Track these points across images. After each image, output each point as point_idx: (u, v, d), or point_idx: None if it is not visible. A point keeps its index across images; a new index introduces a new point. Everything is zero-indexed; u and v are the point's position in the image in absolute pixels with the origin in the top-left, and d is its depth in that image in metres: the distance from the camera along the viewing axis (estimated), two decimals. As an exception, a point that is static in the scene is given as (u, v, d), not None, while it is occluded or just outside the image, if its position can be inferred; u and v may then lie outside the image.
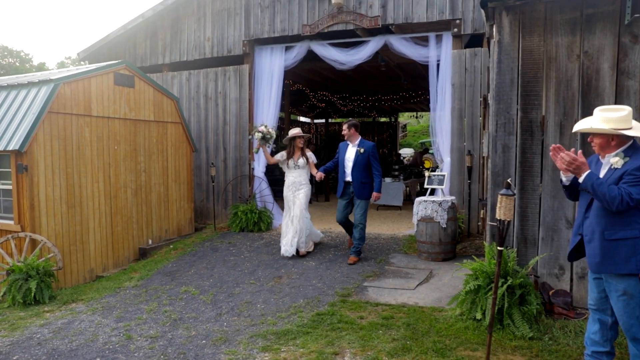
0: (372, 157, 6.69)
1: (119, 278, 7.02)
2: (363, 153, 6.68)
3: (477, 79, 8.00)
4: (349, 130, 6.80)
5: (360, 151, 6.69)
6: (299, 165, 7.12)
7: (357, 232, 6.74)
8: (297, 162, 7.11)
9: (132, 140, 8.27)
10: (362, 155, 6.68)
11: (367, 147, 6.71)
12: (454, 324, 4.47)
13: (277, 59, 9.56)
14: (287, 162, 7.16)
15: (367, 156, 6.67)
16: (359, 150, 6.69)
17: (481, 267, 4.53)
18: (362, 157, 6.68)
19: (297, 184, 7.13)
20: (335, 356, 3.93)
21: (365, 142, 6.83)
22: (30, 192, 6.67)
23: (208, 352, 4.18)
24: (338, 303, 5.17)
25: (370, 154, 6.69)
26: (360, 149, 6.70)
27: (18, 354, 4.39)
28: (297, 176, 7.13)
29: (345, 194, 6.82)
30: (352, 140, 6.82)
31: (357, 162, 6.67)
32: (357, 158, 6.67)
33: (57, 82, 6.93)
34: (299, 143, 7.15)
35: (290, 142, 7.18)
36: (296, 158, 7.13)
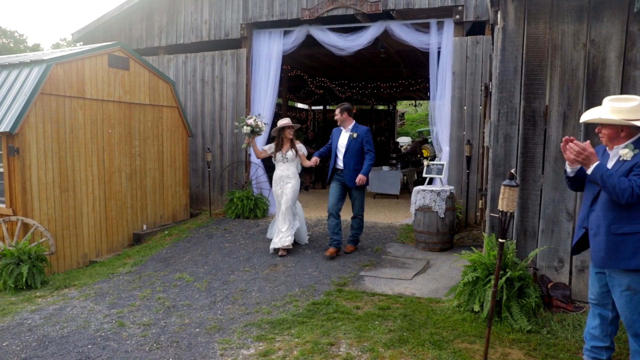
0: (366, 142, 6.33)
1: (113, 264, 6.94)
2: (356, 138, 6.32)
3: (478, 67, 7.88)
4: (342, 115, 6.45)
5: (353, 136, 6.33)
6: (287, 158, 6.62)
7: (355, 222, 6.60)
8: (285, 154, 6.62)
9: (127, 124, 8.13)
10: (355, 140, 6.32)
11: (360, 132, 6.35)
12: (452, 315, 4.41)
13: (275, 44, 9.39)
14: (275, 155, 6.70)
15: (360, 141, 6.32)
16: (352, 135, 6.34)
17: (480, 259, 4.46)
18: (355, 142, 6.32)
19: (284, 178, 6.63)
20: (330, 347, 3.87)
21: (359, 126, 6.47)
22: (22, 175, 6.54)
23: (201, 340, 4.12)
24: (334, 292, 5.11)
25: (364, 139, 6.33)
26: (353, 133, 6.34)
27: (8, 339, 4.31)
28: (284, 169, 6.64)
29: (335, 179, 6.51)
30: (345, 125, 6.47)
31: (349, 147, 6.32)
32: (350, 143, 6.32)
33: (50, 62, 6.76)
34: (288, 134, 6.65)
35: (279, 132, 6.70)
36: (284, 150, 6.64)
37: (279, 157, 6.68)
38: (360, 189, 6.47)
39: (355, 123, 6.49)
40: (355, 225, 6.63)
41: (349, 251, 6.58)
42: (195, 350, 3.94)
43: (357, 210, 6.53)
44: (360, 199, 6.52)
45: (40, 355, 3.96)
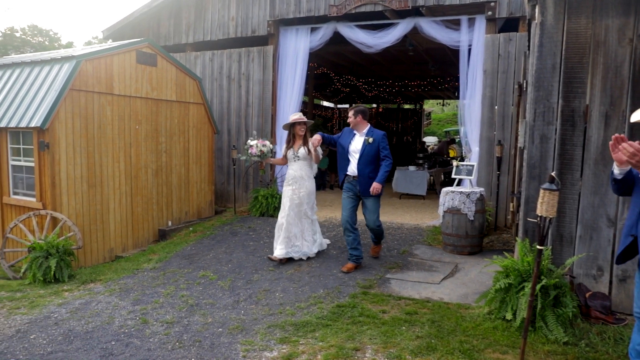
0: (383, 147, 5.71)
1: (138, 259, 6.97)
2: (372, 143, 5.70)
3: (511, 65, 7.62)
4: (355, 118, 5.78)
5: (369, 141, 5.70)
6: (299, 156, 6.10)
7: (374, 233, 6.04)
8: (297, 152, 6.11)
9: (154, 120, 8.17)
10: (370, 145, 5.70)
11: (376, 137, 5.72)
12: (482, 323, 4.24)
13: (302, 41, 9.31)
14: (287, 153, 6.20)
15: (376, 147, 5.70)
16: (367, 140, 5.71)
17: (513, 265, 4.27)
18: (371, 148, 5.70)
19: (297, 179, 6.10)
20: (355, 352, 3.76)
21: (374, 130, 5.85)
22: (52, 169, 6.63)
23: (224, 340, 4.05)
24: (359, 295, 4.99)
25: (380, 144, 5.72)
26: (368, 138, 5.71)
27: (36, 332, 4.34)
28: (297, 169, 6.12)
29: (347, 189, 5.88)
30: (359, 129, 5.82)
31: (364, 153, 5.69)
32: (365, 149, 5.69)
33: (79, 58, 6.83)
34: (299, 130, 6.12)
35: (290, 128, 6.21)
36: (296, 148, 6.13)
37: (290, 155, 6.18)
38: (374, 197, 5.80)
39: (370, 127, 5.89)
40: (376, 235, 6.11)
41: (375, 254, 6.26)
42: (218, 350, 3.88)
43: (372, 222, 5.85)
44: (375, 208, 5.83)
45: (65, 350, 3.97)
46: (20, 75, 7.31)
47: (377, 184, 5.65)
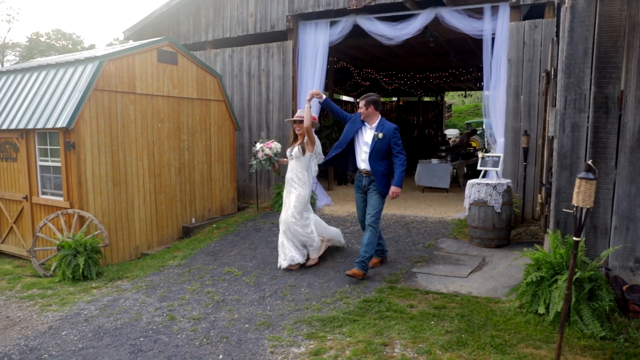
0: (394, 143, 5.28)
1: (163, 256, 7.03)
2: (382, 139, 5.25)
3: (536, 53, 7.41)
4: (367, 108, 5.33)
5: (379, 136, 5.26)
6: (292, 155, 5.75)
7: (366, 234, 5.36)
8: (291, 151, 5.79)
9: (176, 118, 8.21)
10: (380, 141, 5.26)
11: (387, 132, 5.27)
12: (513, 317, 4.13)
13: (321, 35, 9.23)
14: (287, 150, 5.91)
15: (387, 142, 5.27)
16: (377, 135, 5.27)
17: (545, 257, 4.15)
18: (381, 143, 5.26)
19: (288, 180, 5.81)
20: (384, 347, 3.70)
21: (386, 123, 5.38)
22: (78, 169, 6.72)
23: (251, 336, 4.04)
24: (386, 289, 4.92)
25: (392, 140, 5.28)
26: (378, 133, 5.27)
27: (67, 329, 4.41)
28: (289, 170, 5.80)
29: (359, 187, 5.55)
30: (370, 121, 5.38)
31: (374, 149, 5.28)
32: (375, 145, 5.27)
33: (102, 59, 6.90)
34: (295, 129, 5.81)
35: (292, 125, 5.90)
36: (293, 146, 5.81)
37: (287, 153, 5.89)
38: (380, 195, 5.38)
39: (381, 119, 5.42)
40: (366, 240, 5.31)
41: (351, 274, 5.17)
42: (245, 346, 3.87)
43: (369, 216, 5.35)
44: (377, 204, 5.36)
45: (96, 346, 4.01)
46: (46, 77, 7.42)
47: (396, 188, 5.29)
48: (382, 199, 5.39)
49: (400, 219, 8.05)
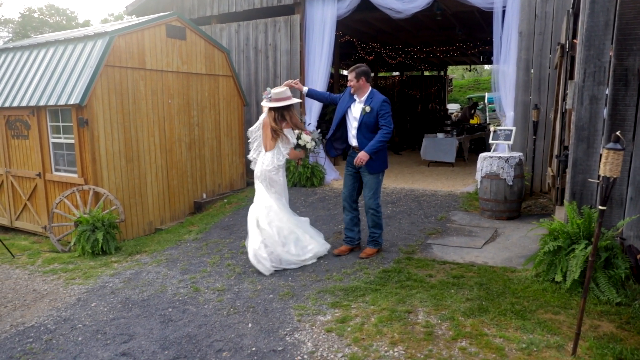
0: (382, 115, 4.91)
1: (178, 231, 7.14)
2: (370, 112, 4.92)
3: (548, 26, 7.38)
4: (358, 80, 4.93)
5: (366, 110, 4.93)
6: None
7: (369, 217, 5.16)
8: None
9: (185, 94, 8.21)
10: (368, 115, 4.93)
11: (375, 105, 4.92)
12: (530, 285, 4.26)
13: (329, 9, 9.15)
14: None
15: (374, 115, 4.92)
16: (364, 109, 4.94)
17: (561, 227, 4.26)
18: (369, 117, 4.93)
19: (264, 172, 5.14)
20: (408, 314, 3.83)
21: (375, 95, 5.00)
22: (92, 145, 6.76)
23: (277, 306, 4.17)
24: (403, 260, 5.04)
25: (380, 112, 4.91)
26: (366, 107, 4.94)
27: (95, 301, 4.52)
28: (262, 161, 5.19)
29: (350, 163, 5.20)
30: (359, 93, 5.02)
31: (362, 123, 4.97)
32: (362, 119, 4.96)
33: (112, 34, 6.85)
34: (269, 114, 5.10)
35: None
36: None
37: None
38: (373, 172, 5.06)
39: (370, 91, 5.04)
40: (370, 222, 5.18)
41: (364, 256, 5.18)
42: (272, 315, 3.99)
43: (367, 199, 5.11)
44: (373, 185, 5.08)
45: (127, 317, 4.14)
46: (55, 53, 7.38)
47: (364, 154, 4.89)
48: (376, 178, 5.10)
49: (410, 192, 8.15)
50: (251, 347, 3.49)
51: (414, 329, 3.60)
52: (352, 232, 5.38)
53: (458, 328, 3.57)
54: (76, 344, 3.70)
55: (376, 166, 5.04)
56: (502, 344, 3.33)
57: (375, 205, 5.10)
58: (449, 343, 3.38)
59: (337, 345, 3.45)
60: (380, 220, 5.18)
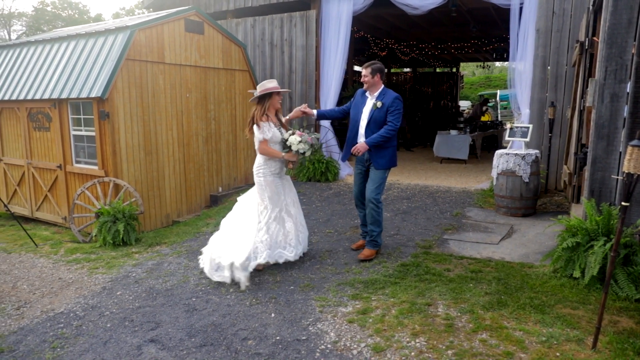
0: (391, 112, 4.84)
1: (196, 223, 7.25)
2: (380, 108, 4.86)
3: (566, 23, 7.38)
4: (373, 77, 4.90)
5: (377, 105, 4.87)
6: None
7: (368, 213, 5.02)
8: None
9: (203, 88, 8.30)
10: (379, 110, 4.86)
11: (387, 100, 4.86)
12: (548, 280, 4.31)
13: (345, 4, 9.20)
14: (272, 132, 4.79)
15: (384, 111, 4.85)
16: (376, 104, 4.89)
17: (580, 224, 4.30)
18: (379, 112, 4.86)
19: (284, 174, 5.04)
20: (428, 307, 3.90)
21: (388, 92, 4.95)
22: (112, 138, 6.87)
23: (298, 297, 4.25)
24: (421, 255, 5.11)
25: (390, 108, 4.84)
26: (377, 102, 4.89)
27: (120, 290, 4.64)
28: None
29: (360, 160, 5.15)
30: (372, 90, 4.98)
31: (372, 119, 4.90)
32: (373, 114, 4.89)
33: (133, 28, 6.95)
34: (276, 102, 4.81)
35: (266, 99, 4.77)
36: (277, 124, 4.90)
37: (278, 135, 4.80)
38: (379, 168, 4.97)
39: (383, 88, 5.00)
40: (369, 218, 5.02)
41: (362, 257, 5.05)
42: (294, 306, 4.08)
43: (369, 192, 4.97)
44: (378, 179, 4.96)
45: (152, 305, 4.24)
46: (76, 47, 7.49)
47: (362, 144, 4.85)
48: (382, 174, 4.99)
49: (424, 188, 8.20)
50: (275, 336, 3.58)
51: (435, 321, 3.68)
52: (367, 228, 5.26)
53: (478, 321, 3.63)
54: (105, 330, 3.81)
55: (382, 162, 4.95)
56: (522, 336, 3.39)
57: (376, 199, 4.96)
58: (469, 335, 3.45)
59: (360, 335, 3.53)
60: (379, 217, 5.03)
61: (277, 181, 4.89)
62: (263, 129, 4.67)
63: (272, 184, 4.86)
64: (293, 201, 5.06)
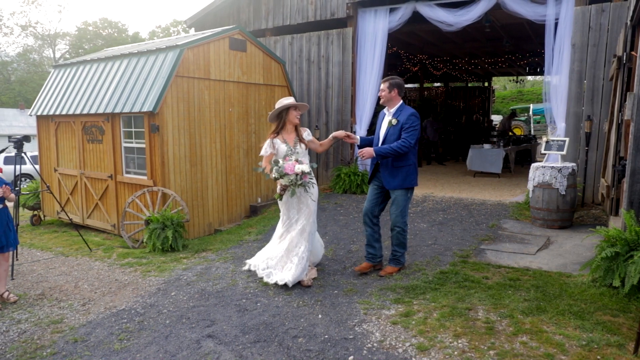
0: (406, 128, 4.70)
1: (238, 232, 7.56)
2: (396, 125, 4.75)
3: (602, 37, 7.46)
4: (390, 92, 4.82)
5: (392, 122, 4.77)
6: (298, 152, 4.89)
7: (394, 236, 4.98)
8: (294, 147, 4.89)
9: (244, 103, 8.69)
10: (394, 127, 4.76)
11: (402, 117, 4.76)
12: (587, 289, 4.40)
13: (380, 22, 9.49)
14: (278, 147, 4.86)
15: (399, 128, 4.74)
16: (391, 121, 4.80)
17: (619, 234, 4.39)
18: (395, 129, 4.76)
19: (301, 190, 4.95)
20: (468, 311, 4.06)
21: (404, 109, 4.84)
22: (162, 150, 7.29)
23: (342, 301, 4.47)
24: (459, 263, 5.26)
25: (405, 124, 4.72)
26: (393, 119, 4.79)
27: (174, 291, 4.96)
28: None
29: (376, 178, 5.06)
30: (389, 105, 4.89)
31: (387, 137, 4.80)
32: (388, 131, 4.80)
33: (182, 47, 7.41)
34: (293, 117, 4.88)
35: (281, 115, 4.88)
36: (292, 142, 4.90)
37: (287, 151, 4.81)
38: (401, 189, 4.83)
39: (401, 104, 4.89)
40: (395, 241, 4.99)
41: (384, 274, 5.02)
42: (339, 308, 4.29)
43: (394, 217, 4.90)
44: (401, 202, 4.85)
45: (205, 305, 4.53)
46: (129, 65, 8.01)
47: (369, 150, 4.72)
48: (403, 196, 4.86)
49: (459, 201, 8.32)
50: (323, 334, 3.81)
51: (475, 324, 3.83)
52: (373, 249, 5.12)
53: (518, 325, 3.77)
54: (165, 326, 4.11)
55: (393, 182, 4.81)
56: (562, 340, 3.51)
57: (403, 223, 4.88)
58: (509, 337, 3.59)
59: (404, 335, 3.71)
60: (405, 240, 4.99)
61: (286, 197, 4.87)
62: (265, 146, 4.85)
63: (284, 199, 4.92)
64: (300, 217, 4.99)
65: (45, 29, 55.74)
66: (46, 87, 9.59)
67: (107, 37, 49.64)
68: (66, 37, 49.75)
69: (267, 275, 5.03)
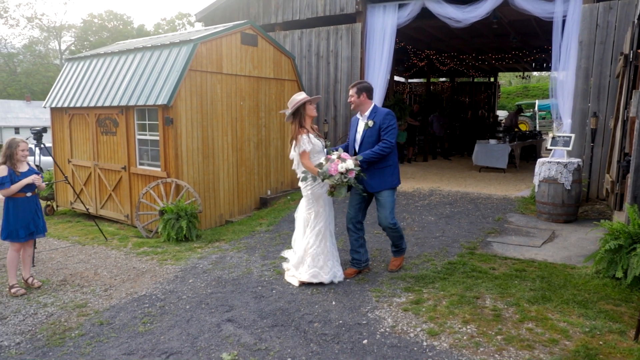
0: (384, 129, 4.67)
1: (249, 223, 7.75)
2: (372, 127, 4.71)
3: (610, 35, 7.57)
4: (359, 97, 4.78)
5: (369, 124, 4.73)
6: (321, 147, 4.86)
7: (389, 236, 4.97)
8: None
9: (255, 97, 8.85)
10: (371, 129, 4.73)
11: (377, 118, 4.71)
12: (590, 280, 4.57)
13: (389, 18, 9.61)
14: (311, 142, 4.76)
15: (377, 129, 4.70)
16: (367, 123, 4.75)
17: (622, 227, 4.54)
18: (372, 131, 4.72)
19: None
20: (476, 299, 4.23)
21: (378, 110, 4.80)
22: (175, 142, 7.47)
23: (355, 289, 4.65)
24: (466, 254, 5.43)
25: (382, 124, 4.68)
26: (369, 121, 4.74)
27: (191, 278, 5.15)
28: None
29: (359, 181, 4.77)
30: (362, 110, 4.85)
31: (364, 140, 4.76)
32: (365, 134, 4.76)
33: (196, 41, 7.56)
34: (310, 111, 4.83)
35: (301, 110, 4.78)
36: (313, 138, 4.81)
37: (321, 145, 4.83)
38: (386, 190, 4.79)
39: (374, 106, 4.85)
40: (392, 240, 5.02)
41: (394, 268, 5.06)
42: (352, 296, 4.47)
43: (383, 218, 4.80)
44: (388, 203, 4.78)
45: (222, 292, 4.72)
46: (143, 58, 8.17)
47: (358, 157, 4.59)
48: (389, 197, 4.79)
49: (465, 195, 8.47)
50: (338, 320, 3.99)
51: (483, 311, 4.00)
52: (358, 254, 5.03)
53: (524, 312, 3.94)
54: (186, 311, 4.30)
55: (373, 184, 4.76)
56: (566, 327, 3.68)
57: (393, 221, 4.81)
58: (516, 324, 3.77)
59: (415, 321, 3.89)
60: (401, 232, 4.95)
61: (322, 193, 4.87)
62: (302, 142, 4.67)
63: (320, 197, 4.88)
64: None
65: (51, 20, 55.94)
66: (60, 80, 9.77)
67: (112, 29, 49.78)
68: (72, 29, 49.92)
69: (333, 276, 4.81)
